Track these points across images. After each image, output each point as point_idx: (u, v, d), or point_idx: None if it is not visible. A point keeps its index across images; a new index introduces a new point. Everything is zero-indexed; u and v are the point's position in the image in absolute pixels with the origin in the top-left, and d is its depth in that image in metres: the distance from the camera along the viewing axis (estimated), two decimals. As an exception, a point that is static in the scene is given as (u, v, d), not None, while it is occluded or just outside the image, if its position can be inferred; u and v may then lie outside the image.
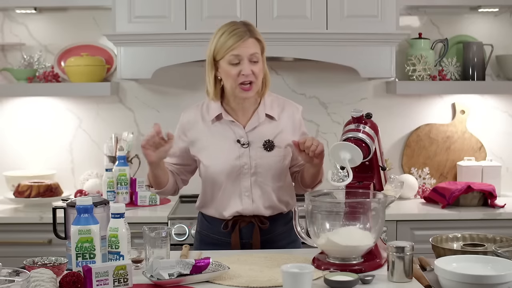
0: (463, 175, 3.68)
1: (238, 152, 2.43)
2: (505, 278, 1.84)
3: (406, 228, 3.29)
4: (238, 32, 2.36)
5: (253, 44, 2.37)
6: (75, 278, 1.87)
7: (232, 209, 2.45)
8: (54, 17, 3.77)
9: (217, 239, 2.50)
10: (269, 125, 2.47)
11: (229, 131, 2.46)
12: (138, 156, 3.74)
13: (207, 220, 2.54)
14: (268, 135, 2.45)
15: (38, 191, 3.46)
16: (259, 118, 2.46)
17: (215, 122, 2.47)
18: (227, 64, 2.37)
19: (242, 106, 2.46)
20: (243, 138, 2.44)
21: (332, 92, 3.80)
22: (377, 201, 2.10)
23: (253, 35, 2.38)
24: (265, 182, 2.44)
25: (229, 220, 2.47)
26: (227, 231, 2.47)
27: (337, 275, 1.95)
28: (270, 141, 2.44)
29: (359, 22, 3.40)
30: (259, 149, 2.44)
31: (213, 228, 2.51)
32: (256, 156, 2.43)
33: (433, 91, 3.71)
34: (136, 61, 3.41)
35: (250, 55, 2.35)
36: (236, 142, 2.44)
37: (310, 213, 2.11)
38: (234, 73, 2.36)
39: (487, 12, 3.79)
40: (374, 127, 2.19)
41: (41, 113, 3.79)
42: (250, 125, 2.46)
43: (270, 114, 2.48)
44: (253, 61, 2.36)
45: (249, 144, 2.44)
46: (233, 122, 2.45)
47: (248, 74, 2.35)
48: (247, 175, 2.43)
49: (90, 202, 2.00)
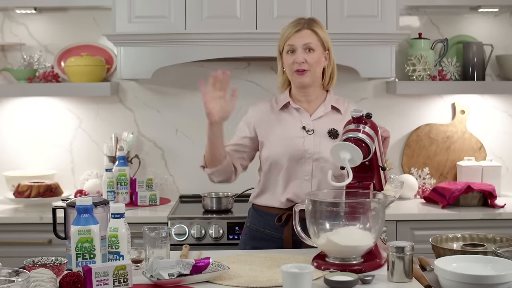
0: (463, 175, 3.68)
1: (303, 138, 2.49)
2: (505, 278, 1.84)
3: (406, 228, 3.29)
4: (296, 24, 2.48)
5: (308, 35, 2.47)
6: (75, 278, 1.87)
7: (290, 193, 2.48)
8: (54, 17, 3.77)
9: (268, 234, 2.53)
10: (334, 117, 2.54)
11: (296, 118, 2.54)
12: (138, 156, 3.74)
13: (260, 214, 2.57)
14: (333, 125, 2.51)
15: (38, 191, 3.46)
16: (325, 109, 2.55)
17: (283, 110, 2.56)
18: (285, 54, 2.49)
19: (307, 98, 2.55)
20: (309, 125, 2.51)
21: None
22: (377, 201, 2.10)
23: (310, 27, 2.48)
24: (327, 167, 2.45)
25: (283, 214, 2.49)
26: (280, 224, 2.49)
27: (337, 275, 1.95)
28: (335, 130, 2.50)
29: (359, 22, 3.40)
30: (324, 136, 2.49)
31: (265, 222, 2.54)
32: (320, 142, 2.48)
33: (433, 91, 3.71)
34: (136, 61, 3.41)
35: (303, 45, 2.45)
36: (302, 128, 2.51)
37: (310, 213, 2.11)
38: (289, 62, 2.48)
39: (487, 12, 3.79)
40: (374, 127, 2.20)
41: (41, 113, 3.79)
42: (316, 114, 2.54)
43: (337, 107, 2.56)
44: (308, 50, 2.46)
45: (314, 131, 2.50)
46: (299, 110, 2.54)
47: (301, 62, 2.45)
48: (309, 160, 2.48)
49: (90, 202, 2.00)
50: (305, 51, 2.46)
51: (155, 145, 3.81)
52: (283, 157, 2.49)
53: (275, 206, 2.52)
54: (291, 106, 2.55)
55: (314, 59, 2.47)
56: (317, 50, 2.48)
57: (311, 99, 2.56)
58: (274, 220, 2.51)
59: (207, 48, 3.38)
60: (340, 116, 2.54)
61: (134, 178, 3.57)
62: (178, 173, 3.81)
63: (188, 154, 3.74)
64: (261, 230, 2.56)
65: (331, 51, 2.55)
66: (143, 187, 3.56)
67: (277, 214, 2.51)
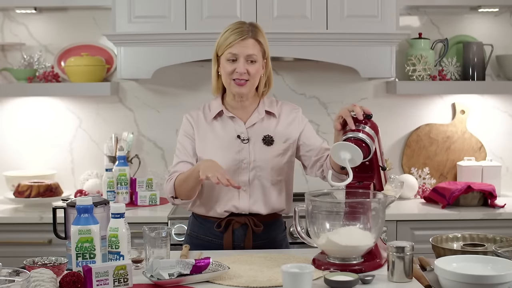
0: (463, 175, 3.68)
1: (238, 147, 2.45)
2: (505, 278, 1.84)
3: (406, 228, 3.29)
4: (240, 31, 2.40)
5: (252, 45, 2.40)
6: (75, 278, 1.87)
7: (229, 204, 2.45)
8: (54, 17, 3.77)
9: (208, 240, 2.49)
10: (269, 122, 2.50)
11: (229, 127, 2.49)
12: (138, 156, 3.74)
13: (199, 221, 2.53)
14: (267, 131, 2.48)
15: (38, 191, 3.46)
16: (259, 115, 2.50)
17: (217, 119, 2.50)
18: (225, 61, 2.42)
19: (241, 105, 2.50)
20: (243, 134, 2.47)
21: (332, 92, 3.80)
22: (377, 201, 2.10)
23: (254, 36, 2.40)
24: (264, 176, 2.45)
25: (223, 220, 2.46)
26: (220, 231, 2.46)
27: (337, 275, 1.95)
28: (269, 136, 2.47)
29: (359, 22, 3.40)
30: (259, 144, 2.46)
31: (205, 229, 2.50)
32: (255, 151, 2.45)
33: (433, 91, 3.71)
34: (136, 61, 3.41)
35: (246, 56, 2.39)
36: (236, 138, 2.46)
37: (310, 213, 2.11)
38: (229, 70, 2.41)
39: (487, 12, 3.79)
40: (374, 127, 2.19)
41: (41, 113, 3.79)
42: (250, 121, 2.49)
43: (270, 111, 2.51)
44: (250, 61, 2.39)
45: (249, 139, 2.46)
46: (233, 118, 2.49)
47: (242, 72, 2.39)
48: (245, 170, 2.45)
49: (90, 202, 2.00)
50: (247, 61, 2.39)
51: (155, 145, 3.81)
52: None
53: (214, 216, 2.48)
54: (225, 115, 2.49)
55: (255, 70, 2.41)
56: (258, 60, 2.41)
57: (245, 105, 2.50)
58: (213, 226, 2.46)
59: (207, 48, 3.36)
60: (275, 119, 2.51)
61: (134, 178, 3.57)
62: (178, 173, 3.80)
63: (188, 154, 3.73)
64: (201, 237, 2.51)
65: (268, 59, 2.48)
66: (143, 187, 3.56)
67: (216, 221, 2.47)
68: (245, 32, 2.39)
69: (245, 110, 2.51)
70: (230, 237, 2.46)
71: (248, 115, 2.50)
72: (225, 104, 2.52)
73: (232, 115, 2.49)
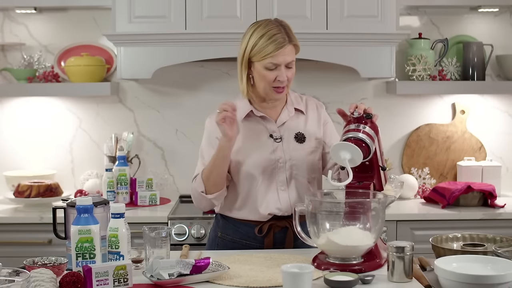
0: (463, 175, 3.68)
1: (272, 146, 2.43)
2: (505, 278, 1.84)
3: (406, 228, 3.29)
4: (278, 39, 2.33)
5: (291, 51, 2.36)
6: (75, 278, 1.86)
7: (270, 206, 2.40)
8: (54, 17, 3.77)
9: (246, 244, 2.44)
10: (298, 119, 2.50)
11: (261, 127, 2.46)
12: (138, 156, 3.74)
13: (233, 224, 2.48)
14: (298, 128, 2.47)
15: (38, 191, 3.46)
16: (289, 113, 2.48)
17: (247, 119, 2.46)
18: (263, 68, 2.35)
19: (272, 104, 2.47)
20: (276, 133, 2.45)
21: (332, 92, 3.80)
22: (377, 201, 2.10)
23: (291, 41, 2.35)
24: (300, 174, 2.43)
25: (264, 224, 2.43)
26: (261, 236, 2.43)
27: (337, 275, 1.95)
28: (301, 133, 2.46)
29: (359, 22, 3.40)
30: (292, 142, 2.45)
31: (242, 233, 2.46)
32: (289, 149, 2.44)
33: (433, 91, 3.71)
34: (136, 61, 3.41)
35: (287, 63, 2.35)
36: (269, 137, 2.45)
37: (310, 213, 2.11)
38: (270, 78, 2.35)
39: (487, 12, 3.79)
40: (374, 127, 2.20)
41: (41, 113, 3.79)
42: (281, 120, 2.47)
43: (299, 108, 2.51)
44: (289, 67, 2.37)
45: (282, 138, 2.45)
46: (264, 118, 2.46)
47: (284, 80, 2.36)
48: (282, 169, 2.42)
49: (90, 202, 2.00)
50: (286, 68, 2.35)
51: (155, 145, 3.81)
52: (256, 170, 2.40)
53: (255, 220, 2.44)
54: (255, 115, 2.46)
55: (292, 74, 2.39)
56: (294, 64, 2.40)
57: (275, 104, 2.47)
58: (253, 230, 2.43)
59: (207, 48, 3.38)
60: (304, 116, 2.51)
61: (134, 178, 3.57)
62: (178, 173, 3.81)
63: (188, 154, 3.73)
64: (237, 241, 2.47)
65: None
66: (143, 187, 3.56)
67: (255, 225, 2.44)
68: (283, 40, 2.33)
69: (275, 108, 2.48)
70: (271, 240, 2.43)
71: (278, 113, 2.48)
72: (252, 103, 2.48)
73: (262, 115, 2.46)
